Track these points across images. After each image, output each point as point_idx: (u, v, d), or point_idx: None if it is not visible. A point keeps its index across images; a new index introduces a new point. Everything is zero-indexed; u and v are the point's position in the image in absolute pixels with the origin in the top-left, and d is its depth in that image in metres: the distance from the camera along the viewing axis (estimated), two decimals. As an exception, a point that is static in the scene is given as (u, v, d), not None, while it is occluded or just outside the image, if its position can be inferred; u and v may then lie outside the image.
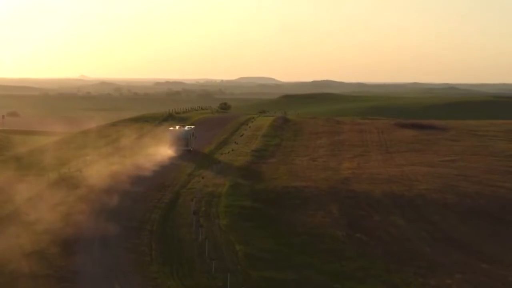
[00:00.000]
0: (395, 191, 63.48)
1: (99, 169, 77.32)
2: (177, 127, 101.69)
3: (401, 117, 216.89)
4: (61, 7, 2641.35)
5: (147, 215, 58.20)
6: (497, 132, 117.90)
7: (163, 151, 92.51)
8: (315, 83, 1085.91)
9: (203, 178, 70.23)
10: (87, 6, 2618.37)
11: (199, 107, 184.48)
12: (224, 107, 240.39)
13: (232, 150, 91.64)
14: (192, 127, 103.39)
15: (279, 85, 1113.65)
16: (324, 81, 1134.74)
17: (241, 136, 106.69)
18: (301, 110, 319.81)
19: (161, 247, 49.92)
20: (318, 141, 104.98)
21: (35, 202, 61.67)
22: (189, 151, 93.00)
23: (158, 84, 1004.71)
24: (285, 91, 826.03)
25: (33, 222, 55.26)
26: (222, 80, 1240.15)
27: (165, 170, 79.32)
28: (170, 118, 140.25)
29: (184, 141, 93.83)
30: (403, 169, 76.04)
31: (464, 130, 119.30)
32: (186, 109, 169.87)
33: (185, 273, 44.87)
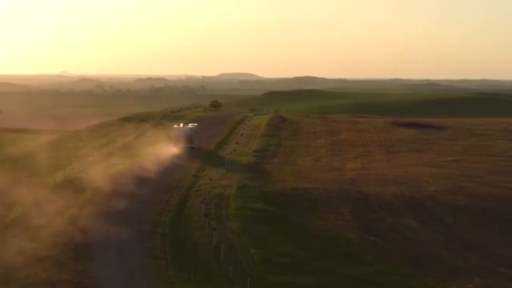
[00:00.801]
0: (405, 192, 63.20)
1: (103, 170, 76.68)
2: (181, 124, 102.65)
3: (389, 115, 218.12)
4: (41, 3, 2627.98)
5: (158, 218, 57.73)
6: (495, 131, 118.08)
7: (165, 150, 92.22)
8: (297, 79, 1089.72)
9: (210, 179, 69.64)
10: (68, 2, 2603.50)
11: (192, 105, 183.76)
12: (216, 105, 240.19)
13: (234, 150, 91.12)
14: (195, 124, 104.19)
15: (261, 81, 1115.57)
16: (306, 77, 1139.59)
17: (241, 135, 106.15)
18: (287, 107, 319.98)
19: (175, 251, 49.51)
20: (317, 141, 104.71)
21: (43, 205, 60.90)
22: (192, 148, 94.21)
23: (139, 80, 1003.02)
24: (268, 87, 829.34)
25: (43, 226, 54.68)
26: (203, 76, 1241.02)
27: (169, 170, 78.78)
28: (165, 117, 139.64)
29: (188, 138, 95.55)
30: (408, 170, 75.86)
31: (462, 129, 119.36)
32: (180, 107, 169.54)
33: (202, 278, 44.54)
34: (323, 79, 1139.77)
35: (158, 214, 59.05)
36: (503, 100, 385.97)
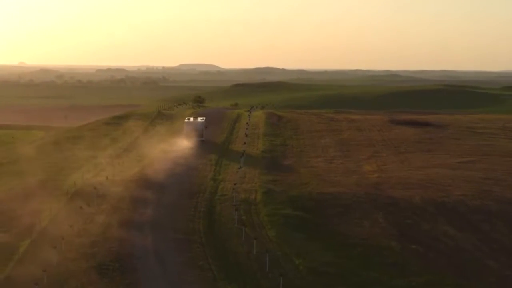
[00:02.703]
0: (434, 197, 62.91)
1: (119, 174, 75.82)
2: (191, 118, 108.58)
3: (365, 108, 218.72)
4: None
5: (190, 226, 57.12)
6: (494, 130, 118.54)
7: (173, 149, 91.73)
8: (258, 70, 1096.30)
9: (235, 184, 68.84)
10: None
11: (177, 103, 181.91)
12: (200, 100, 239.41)
13: (244, 151, 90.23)
14: (204, 118, 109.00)
15: (221, 72, 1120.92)
16: (266, 68, 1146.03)
17: (247, 136, 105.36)
18: (254, 100, 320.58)
19: (218, 261, 48.91)
20: (322, 140, 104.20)
21: (69, 213, 60.05)
22: (202, 142, 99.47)
23: (99, 71, 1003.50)
24: (229, 78, 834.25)
25: (78, 235, 54.04)
26: (163, 67, 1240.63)
27: (186, 173, 78.02)
28: (159, 115, 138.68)
29: (199, 132, 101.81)
30: (426, 172, 75.65)
31: (461, 128, 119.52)
32: (168, 106, 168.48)
33: (253, 291, 44.07)
34: (283, 70, 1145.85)
35: (189, 221, 58.37)
36: (471, 92, 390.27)
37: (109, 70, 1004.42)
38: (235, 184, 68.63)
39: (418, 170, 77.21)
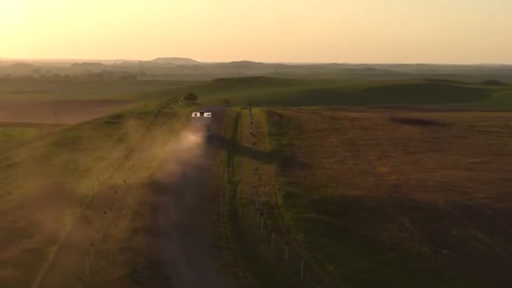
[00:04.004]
0: (457, 200, 62.60)
1: (133, 177, 74.82)
2: (198, 114, 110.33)
3: (354, 104, 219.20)
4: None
5: (216, 231, 56.60)
6: (498, 128, 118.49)
7: (181, 148, 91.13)
8: (234, 64, 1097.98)
9: (255, 187, 68.25)
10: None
11: (170, 100, 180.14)
12: (191, 97, 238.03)
13: (255, 152, 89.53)
14: (210, 113, 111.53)
15: (198, 66, 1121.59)
16: (243, 61, 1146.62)
17: (254, 136, 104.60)
18: (237, 95, 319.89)
19: (251, 268, 48.44)
20: (328, 140, 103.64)
21: (91, 217, 59.48)
22: (209, 138, 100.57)
23: (76, 65, 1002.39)
24: (206, 72, 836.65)
25: (104, 241, 53.44)
26: (140, 61, 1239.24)
27: (200, 175, 77.36)
28: (160, 113, 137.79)
29: (206, 127, 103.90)
30: (442, 174, 75.43)
31: (464, 126, 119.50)
32: (164, 104, 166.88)
33: (293, 299, 43.65)
34: (260, 63, 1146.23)
35: (214, 226, 57.84)
36: (454, 87, 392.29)
37: (85, 64, 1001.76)
38: (255, 187, 68.04)
39: (433, 172, 76.91)
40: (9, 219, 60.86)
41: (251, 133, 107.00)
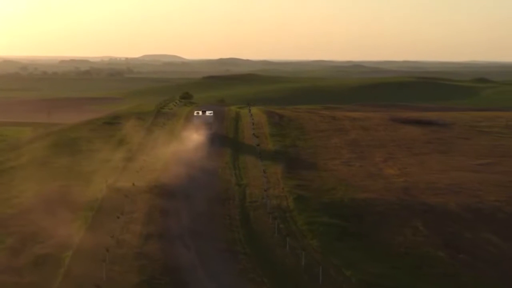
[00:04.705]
0: (468, 203, 62.62)
1: (140, 179, 74.35)
2: (200, 112, 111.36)
3: (351, 102, 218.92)
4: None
5: (230, 235, 56.36)
6: (499, 128, 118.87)
7: (185, 149, 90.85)
8: (221, 61, 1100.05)
9: (265, 190, 67.96)
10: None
11: (167, 100, 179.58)
12: (187, 96, 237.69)
13: (261, 153, 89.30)
14: (211, 112, 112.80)
15: (185, 63, 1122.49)
16: (230, 58, 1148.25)
17: (257, 137, 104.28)
18: (227, 92, 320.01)
19: (268, 273, 48.25)
20: (331, 141, 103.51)
21: (103, 221, 59.17)
22: (212, 136, 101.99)
23: (63, 62, 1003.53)
24: (194, 69, 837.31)
25: (117, 246, 53.15)
26: (127, 58, 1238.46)
27: (208, 178, 77.08)
28: (159, 113, 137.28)
29: (208, 125, 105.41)
30: (450, 176, 75.51)
31: (466, 126, 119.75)
32: (163, 103, 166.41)
33: (312, 306, 43.46)
34: (247, 60, 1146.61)
35: (227, 230, 57.63)
36: (444, 84, 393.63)
37: (72, 61, 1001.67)
38: (265, 190, 67.79)
39: (441, 174, 76.94)
40: (19, 223, 60.43)
41: (254, 134, 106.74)
